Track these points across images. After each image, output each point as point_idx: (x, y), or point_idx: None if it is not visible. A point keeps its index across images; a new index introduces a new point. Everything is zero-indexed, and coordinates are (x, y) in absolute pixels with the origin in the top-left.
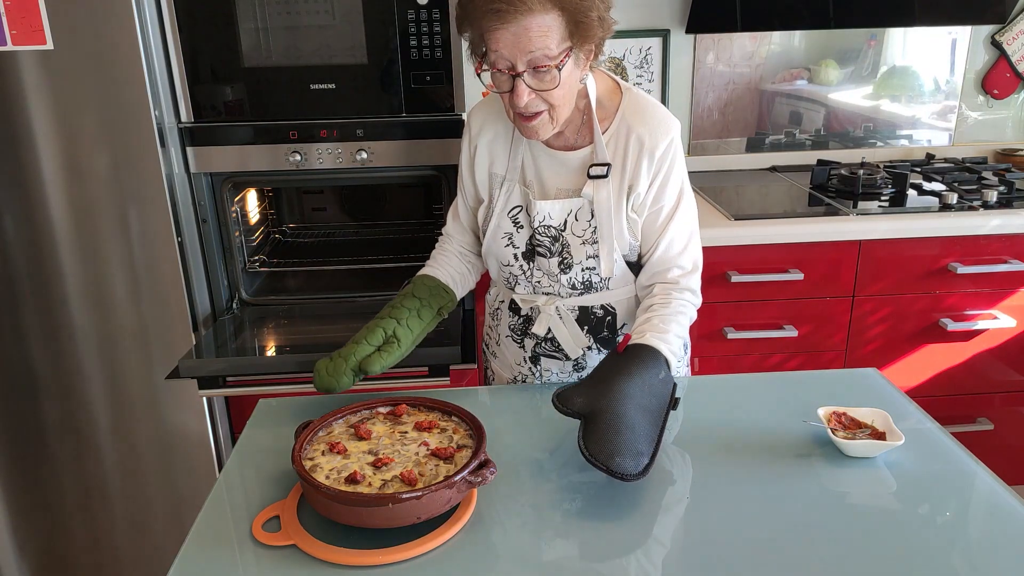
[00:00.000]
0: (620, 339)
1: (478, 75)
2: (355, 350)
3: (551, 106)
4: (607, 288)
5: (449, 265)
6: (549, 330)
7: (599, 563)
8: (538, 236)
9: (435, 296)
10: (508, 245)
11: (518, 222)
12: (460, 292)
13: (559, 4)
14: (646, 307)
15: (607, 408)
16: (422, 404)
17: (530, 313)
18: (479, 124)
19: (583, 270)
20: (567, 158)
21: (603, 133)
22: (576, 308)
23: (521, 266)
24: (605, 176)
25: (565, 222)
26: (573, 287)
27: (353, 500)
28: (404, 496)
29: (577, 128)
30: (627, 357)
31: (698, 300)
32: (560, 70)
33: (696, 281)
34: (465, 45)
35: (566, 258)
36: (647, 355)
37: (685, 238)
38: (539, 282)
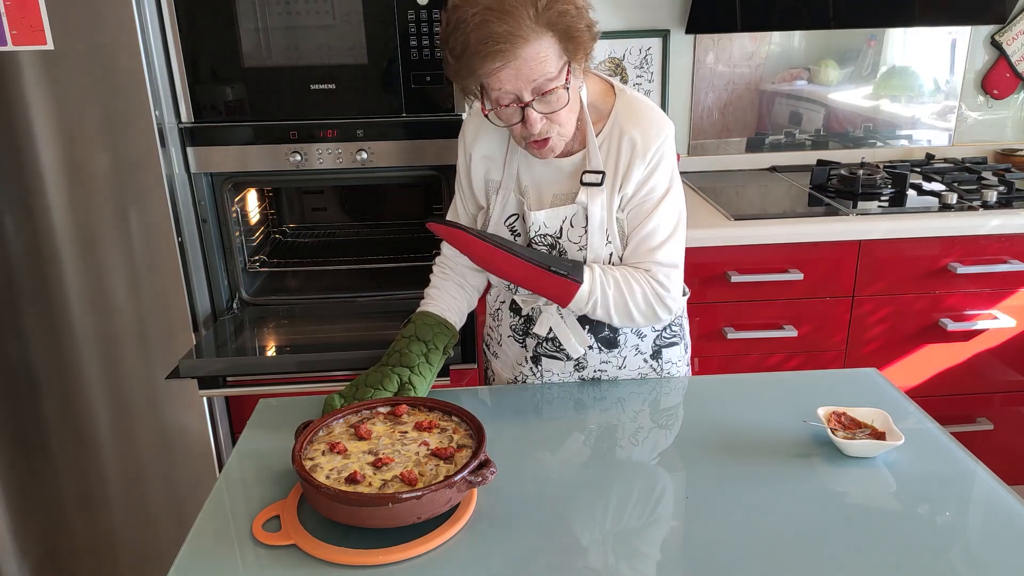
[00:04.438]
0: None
1: (486, 116)
2: (373, 395)
3: (559, 125)
4: None
5: (448, 296)
6: (550, 329)
7: (599, 563)
8: (535, 244)
9: (439, 336)
10: None
11: (515, 230)
12: (460, 323)
13: (550, 26)
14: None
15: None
16: (422, 404)
17: (531, 313)
18: (473, 133)
19: None
20: (561, 164)
21: (596, 136)
22: (573, 312)
23: None
24: (599, 184)
25: (560, 229)
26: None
27: (353, 500)
28: (404, 496)
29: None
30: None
31: (670, 300)
32: (567, 89)
33: (669, 279)
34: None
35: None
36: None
37: (669, 229)
38: (534, 304)
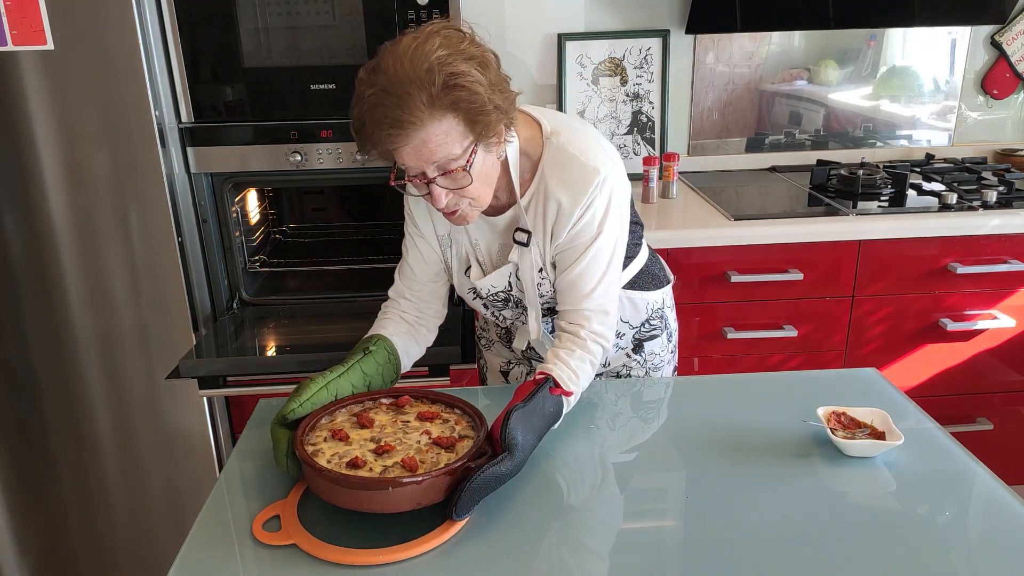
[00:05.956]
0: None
1: (391, 186)
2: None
3: (471, 198)
4: None
5: (411, 350)
6: (528, 344)
7: (599, 563)
8: (488, 302)
9: (386, 374)
10: (475, 299)
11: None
12: (407, 363)
13: (451, 107)
14: (561, 346)
15: (515, 465)
16: (425, 396)
17: (510, 328)
18: (416, 192)
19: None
20: (496, 222)
21: (525, 192)
22: (550, 321)
23: (492, 312)
24: (526, 244)
25: (509, 283)
26: (541, 317)
27: (354, 483)
28: (405, 480)
29: (505, 186)
30: (550, 412)
31: (609, 344)
32: (470, 170)
33: (604, 325)
34: None
35: (522, 312)
36: (557, 414)
37: (597, 274)
38: (512, 323)
